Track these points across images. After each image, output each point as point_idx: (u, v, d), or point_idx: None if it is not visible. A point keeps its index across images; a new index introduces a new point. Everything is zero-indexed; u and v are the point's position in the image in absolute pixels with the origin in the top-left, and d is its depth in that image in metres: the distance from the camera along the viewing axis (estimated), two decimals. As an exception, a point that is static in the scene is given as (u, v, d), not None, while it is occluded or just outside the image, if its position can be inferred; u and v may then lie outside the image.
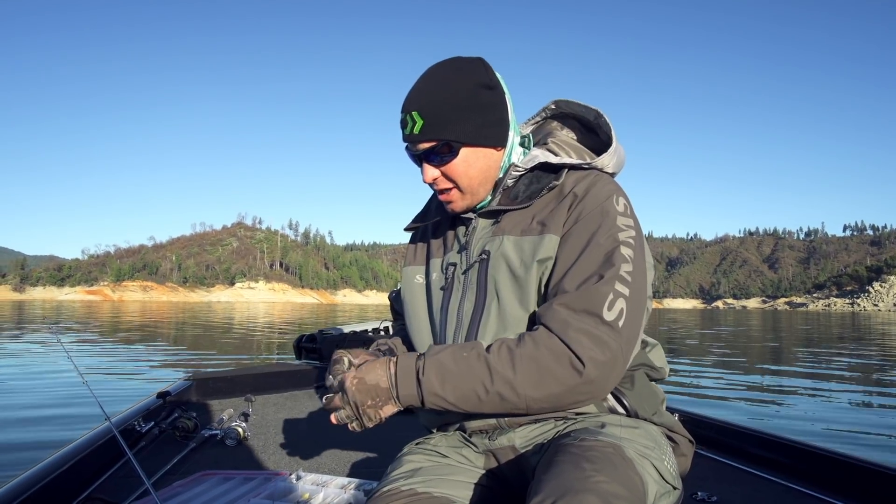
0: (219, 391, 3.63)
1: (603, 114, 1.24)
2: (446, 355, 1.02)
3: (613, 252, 1.04)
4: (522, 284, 1.10)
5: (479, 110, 1.13)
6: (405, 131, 1.14)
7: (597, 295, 1.00)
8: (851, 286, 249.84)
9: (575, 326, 0.98)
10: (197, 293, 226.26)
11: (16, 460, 3.97)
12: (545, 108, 1.33)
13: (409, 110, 1.12)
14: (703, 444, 2.53)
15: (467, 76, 1.13)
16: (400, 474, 1.08)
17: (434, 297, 1.24)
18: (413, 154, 1.17)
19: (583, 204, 1.11)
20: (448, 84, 1.12)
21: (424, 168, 1.16)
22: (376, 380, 1.01)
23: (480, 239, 1.20)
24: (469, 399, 1.00)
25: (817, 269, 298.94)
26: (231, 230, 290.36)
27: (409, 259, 1.36)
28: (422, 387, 1.00)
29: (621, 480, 0.87)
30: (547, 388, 0.97)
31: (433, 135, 1.11)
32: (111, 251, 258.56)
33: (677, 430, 1.20)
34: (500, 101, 1.16)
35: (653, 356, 1.21)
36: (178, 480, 2.08)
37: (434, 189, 1.20)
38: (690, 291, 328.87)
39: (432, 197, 1.36)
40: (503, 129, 1.17)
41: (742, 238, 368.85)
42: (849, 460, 2.08)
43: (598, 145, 1.26)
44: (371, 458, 2.49)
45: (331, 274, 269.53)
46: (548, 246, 1.09)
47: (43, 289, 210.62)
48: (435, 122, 1.11)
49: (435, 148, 1.12)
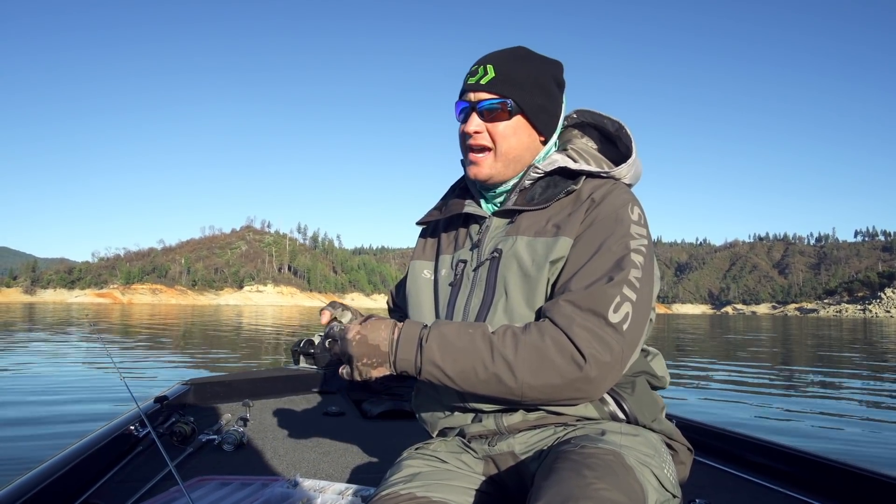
0: (216, 396, 3.62)
1: (624, 125, 1.26)
2: (451, 329, 1.03)
3: (624, 258, 1.06)
4: (532, 284, 1.11)
5: (546, 94, 1.19)
6: (472, 79, 1.17)
7: (604, 296, 1.02)
8: (863, 292, 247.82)
9: (579, 323, 0.99)
10: (206, 296, 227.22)
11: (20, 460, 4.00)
12: (567, 117, 1.35)
13: (485, 63, 1.18)
14: (701, 450, 2.49)
15: (547, 64, 1.21)
16: (398, 479, 1.08)
17: (441, 292, 1.25)
18: (465, 104, 1.18)
19: (598, 209, 1.13)
20: (529, 60, 1.19)
21: (471, 118, 1.18)
22: (377, 341, 1.02)
23: (493, 238, 1.21)
24: (467, 375, 1.00)
25: (828, 275, 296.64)
26: (240, 234, 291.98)
27: (418, 253, 1.37)
28: (422, 353, 1.01)
29: (622, 488, 0.87)
30: (545, 377, 0.98)
31: (499, 89, 1.15)
32: (121, 254, 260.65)
33: (676, 437, 1.21)
34: (562, 101, 1.24)
35: (654, 365, 1.24)
36: (175, 486, 2.06)
37: (468, 143, 1.19)
38: (700, 297, 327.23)
39: (447, 193, 1.38)
40: (554, 125, 1.22)
41: (752, 243, 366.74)
42: (848, 468, 2.05)
43: (616, 157, 1.28)
44: (369, 463, 2.48)
45: (339, 278, 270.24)
46: (561, 248, 1.11)
47: (53, 291, 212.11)
48: (506, 80, 1.15)
49: (494, 103, 1.15)
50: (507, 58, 1.17)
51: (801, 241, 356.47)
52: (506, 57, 1.17)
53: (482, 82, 1.14)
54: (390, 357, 1.02)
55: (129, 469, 2.30)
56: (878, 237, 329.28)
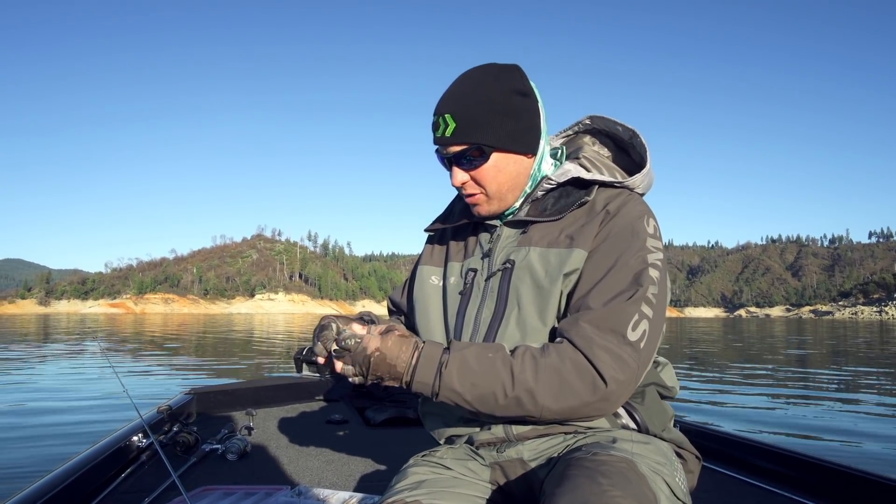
0: (220, 405, 3.62)
1: (639, 133, 1.23)
2: (471, 353, 1.01)
3: (642, 273, 1.05)
4: (545, 296, 1.10)
5: (512, 115, 1.12)
6: (437, 133, 1.14)
7: (623, 314, 1.01)
8: (878, 294, 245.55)
9: (599, 344, 0.98)
10: (217, 305, 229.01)
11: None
12: (579, 123, 1.32)
13: (442, 112, 1.12)
14: (708, 456, 2.47)
15: (502, 81, 1.13)
16: (404, 486, 1.07)
17: (450, 300, 1.22)
18: (443, 157, 1.17)
19: (613, 222, 1.11)
20: (482, 88, 1.12)
21: (454, 171, 1.16)
22: (395, 361, 1.01)
23: (505, 248, 1.18)
24: (486, 400, 1.00)
25: (842, 277, 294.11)
26: (251, 242, 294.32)
27: (426, 259, 1.34)
28: (441, 379, 1.00)
29: (636, 496, 0.87)
30: (566, 401, 0.98)
31: (465, 138, 1.11)
32: (133, 264, 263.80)
33: (685, 446, 1.20)
34: (534, 108, 1.15)
35: (664, 375, 1.22)
36: (179, 496, 2.04)
37: (462, 194, 1.19)
38: (712, 300, 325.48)
39: (455, 200, 1.36)
40: (535, 137, 1.16)
41: (764, 245, 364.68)
42: (856, 473, 2.03)
43: (629, 165, 1.25)
44: (374, 472, 2.46)
45: (350, 285, 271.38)
46: (575, 260, 1.09)
47: (67, 302, 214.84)
48: (467, 125, 1.10)
49: (466, 151, 1.12)
50: (460, 97, 1.12)
51: (814, 243, 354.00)
52: (459, 97, 1.12)
53: (447, 135, 1.11)
54: (406, 378, 1.01)
55: (133, 480, 2.29)
56: (893, 238, 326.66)
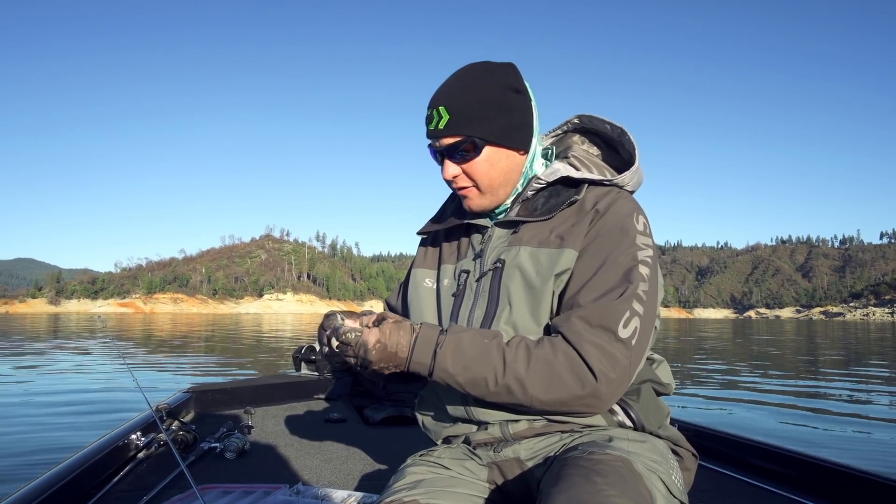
0: (218, 403, 3.63)
1: (627, 132, 1.24)
2: (467, 337, 1.04)
3: (632, 270, 1.06)
4: (537, 296, 1.11)
5: (505, 111, 1.14)
6: (430, 126, 1.16)
7: (614, 311, 1.02)
8: (890, 295, 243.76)
9: (589, 340, 1.00)
10: (226, 305, 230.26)
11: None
12: (567, 122, 1.32)
13: (436, 105, 1.13)
14: (705, 455, 2.47)
15: (497, 77, 1.15)
16: (402, 486, 1.07)
17: (444, 302, 1.24)
18: (435, 150, 1.18)
19: (603, 220, 1.12)
20: (477, 83, 1.14)
21: (445, 164, 1.17)
22: (396, 348, 1.03)
23: (496, 248, 1.19)
24: (477, 384, 1.02)
25: (853, 278, 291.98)
26: (259, 242, 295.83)
27: (419, 261, 1.35)
28: (435, 359, 1.02)
29: (632, 495, 0.88)
30: (555, 393, 1.00)
31: (458, 130, 1.12)
32: (143, 264, 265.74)
33: (682, 444, 1.20)
34: (527, 106, 1.17)
35: (659, 372, 1.22)
36: (177, 494, 2.05)
37: (452, 187, 1.20)
38: (721, 301, 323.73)
39: (447, 201, 1.37)
40: (527, 134, 1.18)
41: (774, 246, 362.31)
42: (853, 472, 2.02)
43: (618, 163, 1.26)
44: (372, 471, 2.46)
45: (358, 285, 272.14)
46: (566, 260, 1.10)
47: (77, 301, 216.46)
48: (461, 118, 1.12)
49: (459, 144, 1.13)
50: (455, 91, 1.14)
51: (824, 244, 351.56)
52: (454, 90, 1.14)
53: (440, 127, 1.13)
54: (406, 361, 1.04)
55: (131, 478, 2.29)
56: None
